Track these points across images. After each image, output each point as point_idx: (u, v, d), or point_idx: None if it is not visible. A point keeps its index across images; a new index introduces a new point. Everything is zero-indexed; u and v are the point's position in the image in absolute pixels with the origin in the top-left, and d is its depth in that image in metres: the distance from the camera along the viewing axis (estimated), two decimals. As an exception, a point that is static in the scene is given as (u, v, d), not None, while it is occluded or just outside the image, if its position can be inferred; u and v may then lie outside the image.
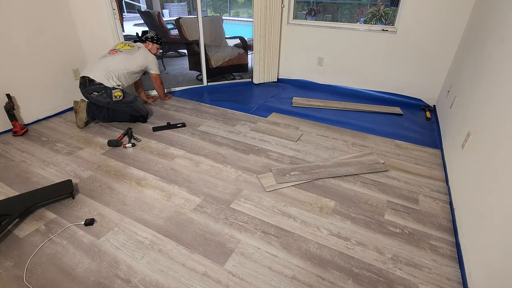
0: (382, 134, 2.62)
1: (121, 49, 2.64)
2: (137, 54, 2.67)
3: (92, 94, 2.47)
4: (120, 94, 2.52)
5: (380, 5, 4.40)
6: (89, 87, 2.45)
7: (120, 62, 2.56)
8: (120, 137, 2.36)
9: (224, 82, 3.85)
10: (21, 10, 2.42)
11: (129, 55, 2.63)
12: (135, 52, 2.67)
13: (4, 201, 1.62)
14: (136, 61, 2.66)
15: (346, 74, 3.62)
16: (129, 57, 2.62)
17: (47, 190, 1.73)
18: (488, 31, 2.04)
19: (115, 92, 2.49)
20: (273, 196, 1.81)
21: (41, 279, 1.27)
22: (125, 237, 1.50)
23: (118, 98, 2.51)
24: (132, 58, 2.63)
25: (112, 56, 2.57)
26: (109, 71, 2.50)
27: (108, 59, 2.55)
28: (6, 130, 2.51)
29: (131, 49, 2.67)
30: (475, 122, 1.74)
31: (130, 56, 2.62)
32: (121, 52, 2.61)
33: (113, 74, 2.52)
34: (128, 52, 2.64)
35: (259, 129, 2.67)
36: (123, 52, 2.62)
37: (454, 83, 2.61)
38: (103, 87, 2.47)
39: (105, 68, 2.50)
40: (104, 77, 2.47)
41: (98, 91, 2.46)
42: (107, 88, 2.48)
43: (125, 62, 2.58)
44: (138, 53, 2.69)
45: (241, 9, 9.31)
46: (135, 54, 2.66)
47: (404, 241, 1.51)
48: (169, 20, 6.89)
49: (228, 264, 1.36)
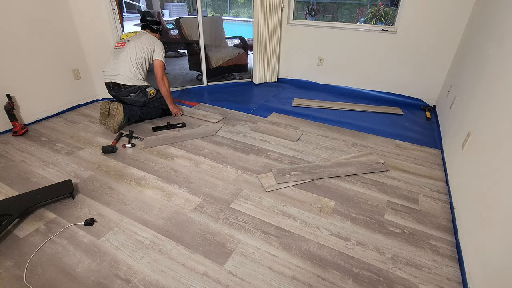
0: (382, 134, 2.63)
1: (127, 38, 2.56)
2: (144, 38, 2.58)
3: (130, 95, 2.53)
4: (154, 91, 2.63)
5: (380, 5, 4.40)
6: (124, 90, 2.50)
7: (133, 52, 2.50)
8: (114, 143, 2.34)
9: (224, 82, 3.86)
10: (21, 10, 2.42)
11: (137, 40, 2.54)
12: (141, 36, 2.58)
13: (4, 201, 1.62)
14: (145, 45, 2.56)
15: (346, 74, 3.62)
16: (137, 42, 2.53)
17: (47, 190, 1.73)
18: (488, 31, 2.04)
19: (150, 90, 2.60)
20: (273, 196, 1.81)
21: (41, 279, 1.27)
22: (125, 237, 1.50)
23: (152, 95, 2.63)
24: (140, 42, 2.54)
25: (123, 50, 2.50)
26: (129, 68, 2.48)
27: (122, 55, 2.48)
28: (6, 130, 2.51)
29: (136, 34, 2.59)
30: (475, 122, 1.74)
31: (138, 41, 2.54)
32: (129, 41, 2.53)
33: (134, 69, 2.49)
34: (135, 38, 2.55)
35: (259, 129, 2.67)
36: (130, 40, 2.53)
37: (454, 83, 2.61)
38: (138, 87, 2.53)
39: (126, 67, 2.47)
40: (129, 78, 2.48)
41: (135, 92, 2.53)
42: (141, 87, 2.55)
43: (136, 50, 2.51)
44: (144, 36, 2.59)
45: (241, 9, 9.32)
46: (142, 38, 2.57)
47: (404, 241, 1.51)
48: (169, 20, 6.89)
49: (228, 264, 1.36)
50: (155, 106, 2.73)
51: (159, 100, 2.73)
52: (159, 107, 2.77)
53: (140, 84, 2.54)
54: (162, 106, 2.79)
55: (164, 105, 2.79)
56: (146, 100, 2.61)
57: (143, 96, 2.57)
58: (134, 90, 2.52)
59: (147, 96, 2.59)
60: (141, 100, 2.59)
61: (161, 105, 2.77)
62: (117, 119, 2.49)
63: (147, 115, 2.74)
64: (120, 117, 2.50)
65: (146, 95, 2.58)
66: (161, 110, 2.80)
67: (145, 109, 2.68)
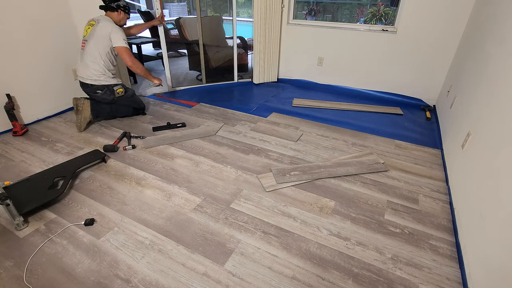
0: (382, 134, 2.62)
1: (85, 38, 2.48)
2: (98, 29, 2.42)
3: (97, 92, 2.54)
4: (122, 90, 2.64)
5: (380, 5, 4.39)
6: (92, 87, 2.53)
7: (93, 51, 2.43)
8: (116, 142, 2.35)
9: (224, 82, 3.85)
10: (22, 10, 2.41)
11: (93, 36, 2.42)
12: (96, 28, 2.43)
13: (55, 167, 1.96)
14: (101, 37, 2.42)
15: (346, 74, 3.62)
16: (94, 40, 2.42)
17: (83, 158, 2.07)
18: (488, 31, 2.04)
19: (117, 88, 2.60)
20: (273, 196, 1.81)
21: (41, 279, 1.27)
22: (125, 237, 1.50)
23: (120, 94, 2.63)
24: (96, 38, 2.42)
25: (84, 52, 2.46)
26: (92, 67, 2.46)
27: (84, 57, 2.46)
28: (6, 130, 2.51)
29: (92, 29, 2.44)
30: (475, 122, 1.74)
31: (94, 38, 2.42)
32: (87, 41, 2.45)
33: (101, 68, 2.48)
34: (91, 36, 2.43)
35: (259, 129, 2.67)
36: (88, 40, 2.44)
37: (454, 83, 2.61)
38: (105, 85, 2.54)
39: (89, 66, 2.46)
40: (93, 77, 2.49)
41: (102, 89, 2.54)
42: (109, 85, 2.56)
43: (95, 47, 2.43)
44: (98, 27, 2.42)
45: (241, 9, 9.31)
46: (97, 30, 2.42)
47: (404, 241, 1.51)
48: (169, 20, 6.89)
49: (228, 264, 1.36)
50: (125, 104, 2.73)
51: (130, 99, 2.73)
52: (129, 105, 2.76)
53: (106, 83, 2.54)
54: (134, 105, 2.78)
55: (135, 104, 2.78)
56: (114, 98, 2.61)
57: (110, 94, 2.58)
58: (102, 88, 2.54)
59: (115, 95, 2.60)
60: (108, 98, 2.59)
61: (132, 104, 2.76)
62: (85, 115, 2.53)
63: (117, 113, 2.75)
64: (87, 113, 2.54)
65: (114, 93, 2.59)
66: (132, 109, 2.80)
67: (114, 107, 2.69)
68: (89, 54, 2.45)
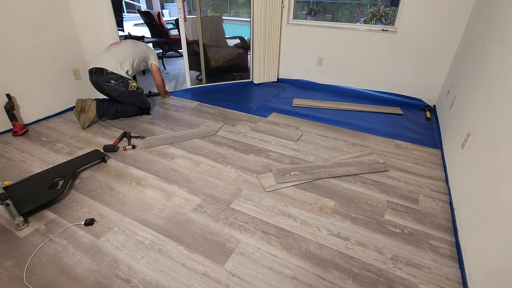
0: (382, 134, 2.62)
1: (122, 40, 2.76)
2: (140, 43, 2.82)
3: (110, 82, 2.52)
4: (136, 85, 2.64)
5: (380, 5, 4.40)
6: (106, 76, 2.51)
7: (128, 48, 2.65)
8: (116, 142, 2.35)
9: (224, 82, 3.85)
10: (21, 10, 2.42)
11: (132, 42, 2.75)
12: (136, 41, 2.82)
13: (55, 167, 1.95)
14: (141, 47, 2.76)
15: (346, 74, 3.62)
16: (134, 43, 2.72)
17: (83, 158, 2.07)
18: (488, 31, 2.04)
19: (132, 82, 2.61)
20: (273, 196, 1.81)
21: (41, 279, 1.27)
22: (125, 237, 1.50)
23: (133, 89, 2.63)
24: (137, 44, 2.74)
25: (118, 46, 2.66)
26: (120, 59, 2.57)
27: (115, 48, 2.62)
28: (6, 130, 2.51)
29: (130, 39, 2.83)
30: (475, 122, 1.74)
31: (135, 43, 2.75)
32: (125, 40, 2.72)
33: (124, 61, 2.59)
34: (130, 41, 2.77)
35: (259, 129, 2.67)
36: (126, 41, 2.72)
37: (454, 83, 2.61)
38: (121, 76, 2.55)
39: (116, 57, 2.56)
40: (115, 66, 2.53)
41: (116, 79, 2.53)
42: (124, 77, 2.57)
43: (131, 48, 2.67)
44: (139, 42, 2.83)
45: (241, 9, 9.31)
46: (137, 42, 2.79)
47: (404, 241, 1.51)
48: (169, 20, 6.89)
49: (228, 264, 1.36)
50: (133, 102, 2.74)
51: (138, 97, 2.74)
52: (136, 104, 2.78)
53: (124, 75, 2.58)
54: (140, 104, 2.81)
55: (142, 103, 2.81)
56: (125, 91, 2.59)
57: (123, 86, 2.57)
58: (116, 78, 2.54)
59: (127, 88, 2.59)
60: (120, 89, 2.57)
61: (139, 102, 2.78)
62: (89, 115, 2.55)
63: (122, 114, 2.75)
64: (92, 113, 2.56)
65: (127, 86, 2.59)
66: (137, 109, 2.82)
67: (120, 107, 2.70)
68: (122, 50, 2.61)
